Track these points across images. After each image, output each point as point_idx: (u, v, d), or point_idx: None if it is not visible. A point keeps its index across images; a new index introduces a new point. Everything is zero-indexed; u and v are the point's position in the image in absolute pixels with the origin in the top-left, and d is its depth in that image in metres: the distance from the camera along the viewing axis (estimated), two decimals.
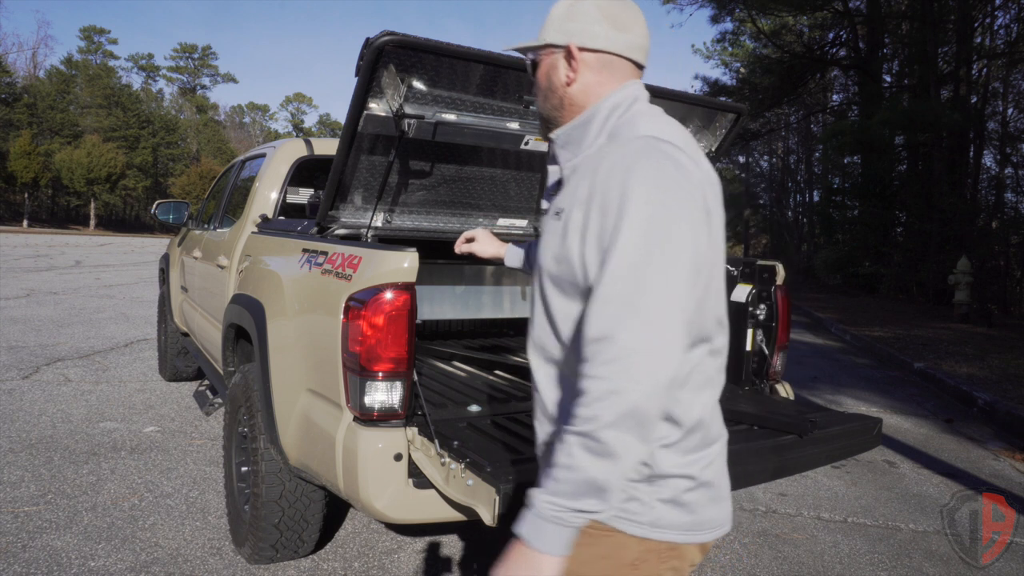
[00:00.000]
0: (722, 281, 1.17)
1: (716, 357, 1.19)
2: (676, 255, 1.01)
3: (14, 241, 27.62)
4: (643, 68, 1.25)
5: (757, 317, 3.07)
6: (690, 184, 1.06)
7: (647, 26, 1.23)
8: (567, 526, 1.02)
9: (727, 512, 1.25)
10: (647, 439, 1.01)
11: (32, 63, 60.64)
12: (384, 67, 2.43)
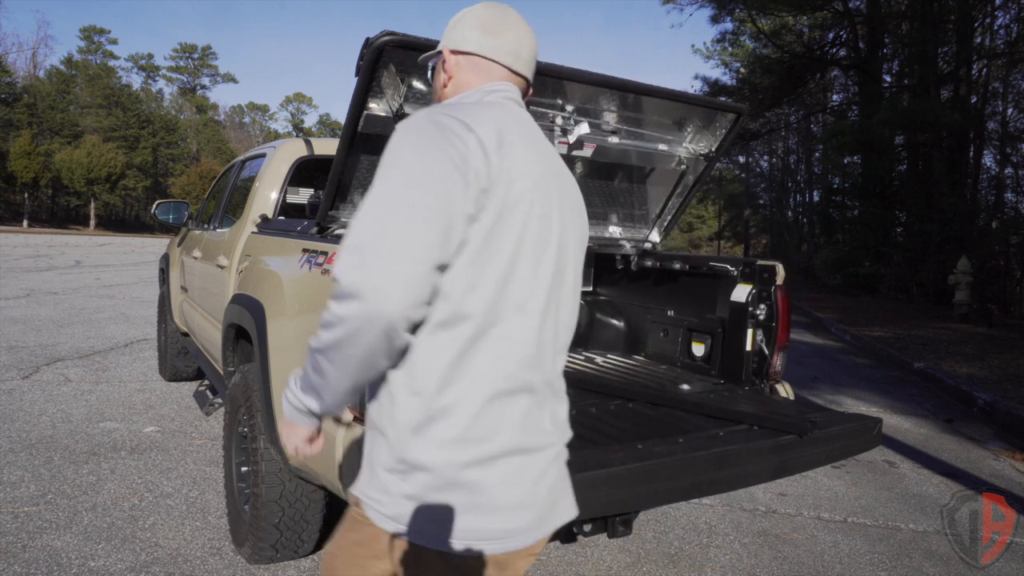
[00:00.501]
0: (531, 267, 1.15)
1: (505, 343, 1.13)
2: (410, 204, 1.03)
3: (14, 241, 27.62)
4: (521, 75, 1.33)
5: (757, 317, 3.07)
6: (451, 147, 1.07)
7: (529, 36, 1.32)
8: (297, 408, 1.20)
9: (503, 527, 1.12)
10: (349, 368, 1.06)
11: (32, 63, 60.67)
12: (384, 67, 2.43)
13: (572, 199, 1.29)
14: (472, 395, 1.10)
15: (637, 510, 3.00)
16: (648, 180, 3.60)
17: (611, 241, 3.77)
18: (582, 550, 3.18)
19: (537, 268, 1.16)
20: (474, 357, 1.10)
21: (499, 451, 1.11)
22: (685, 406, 2.70)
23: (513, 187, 1.12)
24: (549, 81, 2.81)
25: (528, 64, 1.33)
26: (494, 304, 1.11)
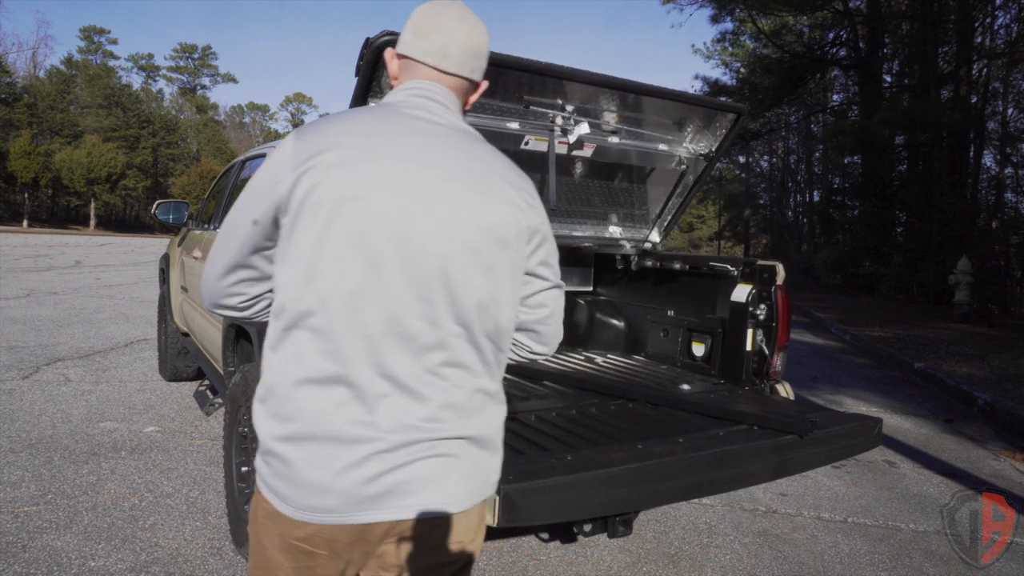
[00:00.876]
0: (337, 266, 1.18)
1: (310, 335, 1.20)
2: (236, 209, 1.29)
3: (14, 241, 27.63)
4: (451, 73, 1.36)
5: (757, 317, 3.07)
6: (275, 163, 1.25)
7: (462, 33, 1.35)
8: None
9: (304, 501, 1.20)
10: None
11: (32, 63, 60.68)
12: (384, 67, 2.44)
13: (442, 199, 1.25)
14: (283, 378, 1.22)
15: (637, 510, 3.00)
16: (648, 180, 3.60)
17: (611, 241, 3.77)
18: (582, 550, 3.18)
19: (345, 267, 1.18)
20: (286, 345, 1.22)
21: (301, 433, 1.20)
22: (685, 406, 2.70)
23: (314, 193, 1.18)
24: (549, 81, 2.82)
25: (459, 62, 1.35)
26: (300, 299, 1.20)
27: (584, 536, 2.33)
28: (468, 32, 1.36)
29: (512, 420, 2.45)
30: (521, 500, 1.74)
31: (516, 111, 2.92)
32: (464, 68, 1.37)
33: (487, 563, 3.00)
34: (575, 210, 3.57)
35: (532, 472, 1.84)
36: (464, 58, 1.36)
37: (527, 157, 3.15)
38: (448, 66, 1.35)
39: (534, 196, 1.38)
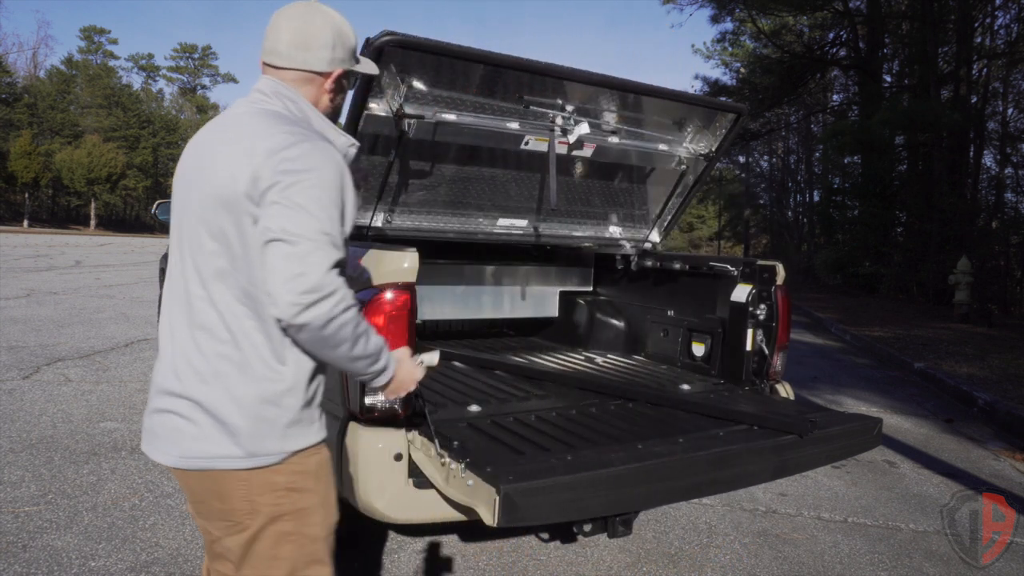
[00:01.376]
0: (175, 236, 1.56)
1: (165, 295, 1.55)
2: None
3: (14, 241, 27.63)
4: (266, 64, 1.56)
5: (757, 317, 3.07)
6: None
7: (273, 28, 1.54)
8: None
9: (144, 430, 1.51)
10: None
11: (32, 63, 60.65)
12: (384, 67, 2.44)
13: (198, 176, 1.49)
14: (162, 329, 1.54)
15: (637, 510, 3.00)
16: (648, 180, 3.60)
17: (611, 241, 3.77)
18: (582, 550, 3.18)
19: (175, 237, 1.54)
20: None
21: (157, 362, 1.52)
22: (685, 406, 2.70)
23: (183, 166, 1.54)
24: (549, 81, 2.82)
25: (288, 56, 1.52)
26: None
27: (584, 536, 2.33)
28: (296, 28, 1.51)
29: (512, 420, 2.45)
30: (521, 500, 1.74)
31: (516, 111, 2.92)
32: (293, 61, 1.52)
33: (487, 563, 3.01)
34: (575, 210, 3.58)
35: (532, 472, 1.84)
36: (293, 52, 1.51)
37: (527, 157, 3.15)
38: (278, 61, 1.53)
39: (277, 150, 1.39)
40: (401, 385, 1.57)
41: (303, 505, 1.46)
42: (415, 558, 3.02)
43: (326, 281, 1.35)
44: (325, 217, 1.38)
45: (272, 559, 1.46)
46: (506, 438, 2.24)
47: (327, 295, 1.35)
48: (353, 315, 1.40)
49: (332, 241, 1.38)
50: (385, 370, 1.50)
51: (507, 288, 4.04)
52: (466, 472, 1.89)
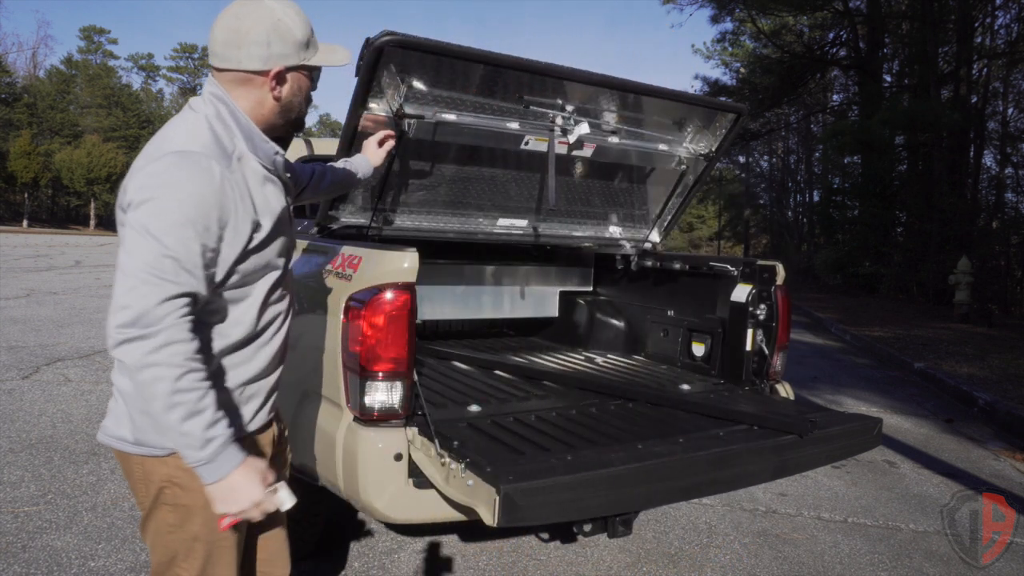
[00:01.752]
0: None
1: None
2: None
3: (14, 241, 27.62)
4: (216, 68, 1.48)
5: (757, 317, 3.07)
6: None
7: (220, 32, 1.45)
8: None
9: None
10: None
11: (32, 63, 60.60)
12: (384, 67, 2.44)
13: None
14: None
15: (637, 510, 3.00)
16: (648, 180, 3.60)
17: (611, 241, 3.77)
18: (582, 550, 3.18)
19: None
20: None
21: None
22: (685, 406, 2.70)
23: None
24: (549, 81, 2.82)
25: (221, 56, 1.46)
26: None
27: (584, 536, 2.33)
28: (228, 26, 1.43)
29: (512, 420, 2.45)
30: (521, 500, 1.74)
31: (516, 111, 2.92)
32: (228, 61, 1.44)
33: (487, 563, 3.01)
34: (575, 210, 3.57)
35: (532, 472, 1.84)
36: (224, 51, 1.44)
37: (527, 157, 3.15)
38: (215, 62, 1.47)
39: (148, 156, 1.37)
40: (231, 496, 1.34)
41: (185, 502, 1.45)
42: (415, 558, 3.02)
43: (150, 319, 1.26)
44: (172, 242, 1.28)
45: (157, 541, 1.51)
46: (506, 438, 2.24)
47: (145, 336, 1.25)
48: (172, 372, 1.27)
49: (174, 270, 1.28)
50: (208, 464, 1.31)
51: (507, 288, 4.04)
52: (466, 472, 1.89)
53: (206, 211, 1.32)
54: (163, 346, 1.26)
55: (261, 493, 1.36)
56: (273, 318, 1.57)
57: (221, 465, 1.32)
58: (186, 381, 1.28)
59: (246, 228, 1.41)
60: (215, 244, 1.35)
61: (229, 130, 1.44)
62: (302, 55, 1.49)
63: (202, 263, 1.32)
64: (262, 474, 1.38)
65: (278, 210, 1.51)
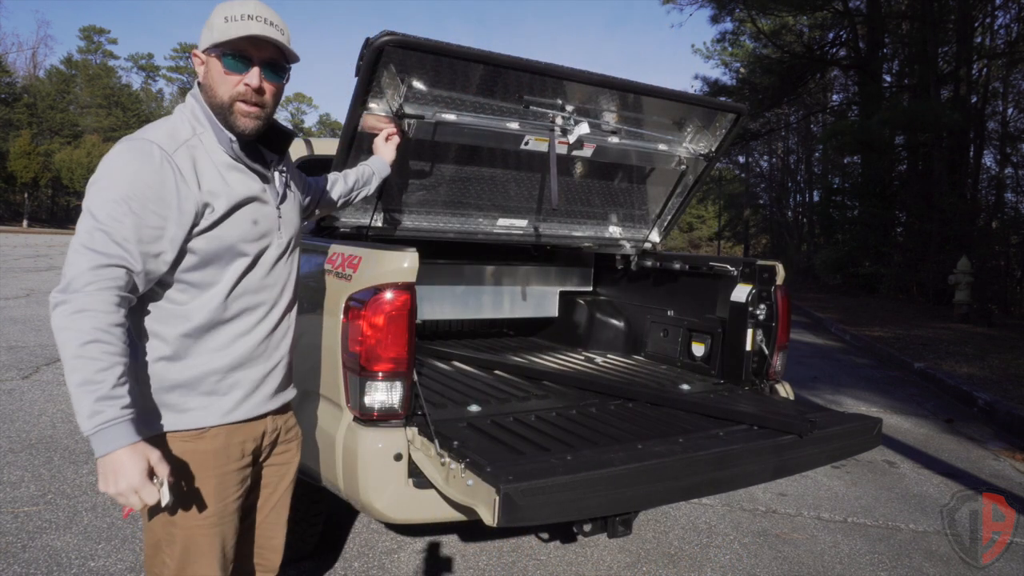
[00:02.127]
0: None
1: None
2: None
3: (14, 241, 27.61)
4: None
5: (757, 317, 3.07)
6: None
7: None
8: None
9: None
10: None
11: (32, 63, 60.59)
12: (384, 67, 2.44)
13: None
14: None
15: (637, 510, 3.00)
16: (648, 180, 3.60)
17: (611, 241, 3.77)
18: (582, 550, 3.18)
19: None
20: None
21: None
22: (685, 406, 2.70)
23: None
24: (549, 81, 2.82)
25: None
26: None
27: (584, 536, 2.33)
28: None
29: (512, 420, 2.45)
30: (521, 500, 1.74)
31: (516, 111, 2.92)
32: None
33: (487, 563, 3.01)
34: (575, 210, 3.57)
35: (532, 472, 1.84)
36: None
37: (527, 157, 3.15)
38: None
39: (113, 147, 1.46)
40: (112, 475, 1.37)
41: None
42: (415, 558, 3.02)
43: (75, 285, 1.32)
44: (104, 216, 1.36)
45: (145, 525, 1.61)
46: (506, 438, 2.24)
47: (66, 300, 1.33)
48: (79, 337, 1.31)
49: (104, 241, 1.35)
50: (93, 435, 1.34)
51: (507, 288, 4.04)
52: (466, 472, 1.89)
53: (141, 189, 1.39)
54: (78, 312, 1.32)
55: (141, 481, 1.36)
56: (249, 308, 1.59)
57: (107, 441, 1.33)
58: (90, 349, 1.31)
59: (190, 207, 1.44)
60: (156, 221, 1.41)
61: (196, 120, 1.53)
62: (212, 36, 1.50)
63: (135, 237, 1.38)
64: (149, 464, 1.38)
65: (241, 195, 1.53)
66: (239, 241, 1.54)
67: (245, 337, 1.59)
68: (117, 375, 1.34)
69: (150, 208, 1.40)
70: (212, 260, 1.51)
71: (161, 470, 1.40)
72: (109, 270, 1.35)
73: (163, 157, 1.43)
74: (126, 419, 1.35)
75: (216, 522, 1.56)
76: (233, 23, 1.49)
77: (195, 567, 1.56)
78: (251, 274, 1.58)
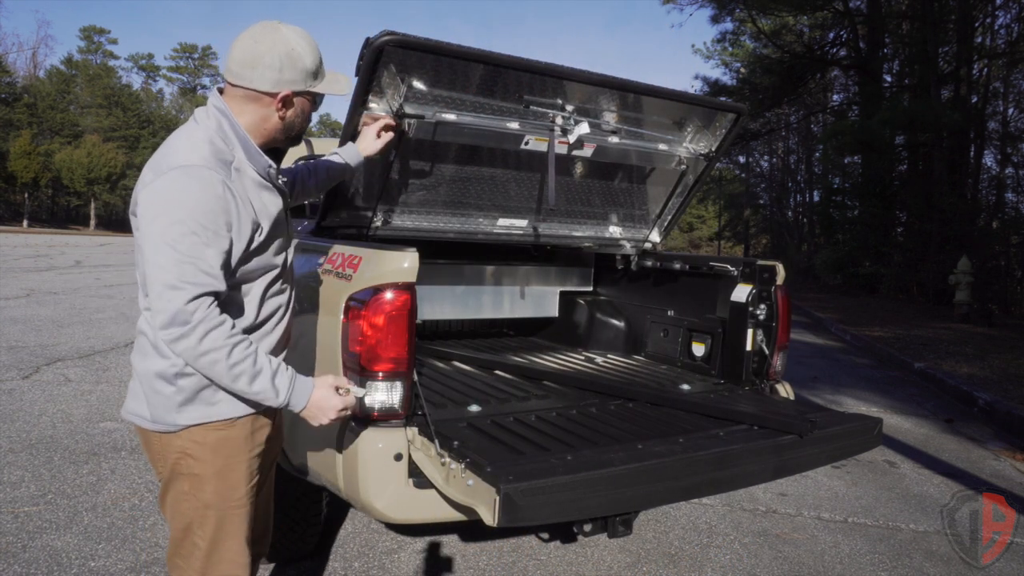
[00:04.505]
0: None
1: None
2: None
3: (14, 241, 27.62)
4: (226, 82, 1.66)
5: (757, 317, 3.07)
6: None
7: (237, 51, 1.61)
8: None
9: None
10: None
11: (32, 63, 60.60)
12: (384, 67, 2.43)
13: None
14: None
15: (637, 510, 3.00)
16: (648, 180, 3.60)
17: (611, 241, 3.77)
18: (582, 550, 3.18)
19: None
20: None
21: None
22: (685, 406, 2.70)
23: None
24: (549, 81, 2.81)
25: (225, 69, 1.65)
26: None
27: (584, 536, 2.33)
28: (246, 47, 1.59)
29: (512, 420, 2.45)
30: (521, 500, 1.74)
31: (516, 111, 2.91)
32: (241, 79, 1.59)
33: (487, 563, 3.01)
34: (575, 210, 3.57)
35: (532, 472, 1.84)
36: (240, 69, 1.59)
37: (527, 157, 3.15)
38: (229, 78, 1.62)
39: (155, 170, 1.53)
40: (319, 413, 1.64)
41: (197, 472, 1.63)
42: (415, 558, 3.02)
43: (183, 317, 1.46)
44: (186, 248, 1.46)
45: (174, 511, 1.68)
46: (506, 438, 2.24)
47: (185, 333, 1.46)
48: (221, 353, 1.49)
49: (193, 272, 1.46)
50: (288, 402, 1.60)
51: (507, 288, 4.04)
52: (466, 472, 1.89)
53: (213, 218, 1.49)
54: (204, 336, 1.47)
55: (339, 401, 1.66)
56: (273, 311, 1.74)
57: (299, 398, 1.61)
58: (236, 354, 1.50)
59: (247, 230, 1.57)
60: (227, 246, 1.52)
61: (229, 141, 1.60)
62: (309, 83, 1.64)
63: (218, 264, 1.50)
64: (332, 386, 1.67)
65: (275, 213, 1.68)
66: (273, 255, 1.69)
67: (269, 336, 1.73)
68: (264, 356, 1.56)
69: (222, 234, 1.51)
70: (252, 274, 1.64)
71: (341, 381, 1.70)
72: (205, 298, 1.48)
73: (222, 182, 1.52)
74: (296, 375, 1.61)
75: (245, 503, 1.70)
76: (335, 79, 1.71)
77: (227, 544, 1.68)
78: (276, 282, 1.74)
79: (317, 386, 1.63)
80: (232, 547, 1.68)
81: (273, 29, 1.60)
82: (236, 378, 1.51)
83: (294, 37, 1.61)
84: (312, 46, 1.64)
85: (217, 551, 1.67)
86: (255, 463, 1.73)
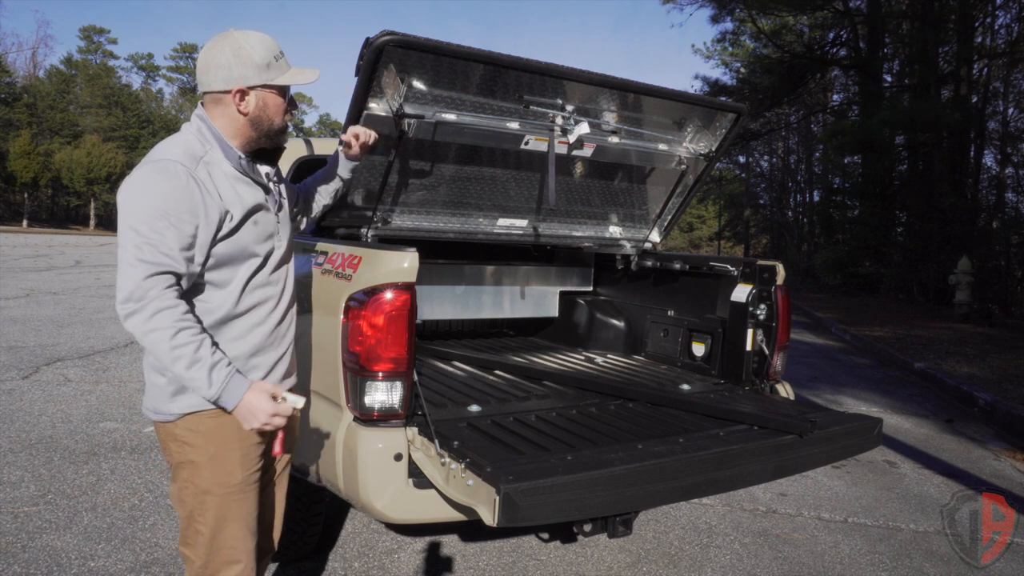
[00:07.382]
0: None
1: None
2: None
3: (14, 241, 27.61)
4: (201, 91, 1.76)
5: (757, 317, 3.07)
6: None
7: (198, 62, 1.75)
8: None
9: None
10: None
11: (32, 63, 60.58)
12: (384, 67, 2.44)
13: None
14: None
15: (637, 510, 3.00)
16: (648, 180, 3.60)
17: (611, 241, 3.77)
18: (582, 550, 3.18)
19: None
20: None
21: None
22: (685, 406, 2.70)
23: None
24: (549, 81, 2.82)
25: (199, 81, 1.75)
26: None
27: (584, 536, 2.32)
28: (202, 56, 1.72)
29: (512, 420, 2.45)
30: (521, 500, 1.74)
31: (516, 111, 2.91)
32: (203, 84, 1.72)
33: (487, 563, 3.01)
34: (575, 210, 3.57)
35: (532, 472, 1.84)
36: (200, 76, 1.72)
37: (527, 157, 3.15)
38: (198, 87, 1.75)
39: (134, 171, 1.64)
40: (250, 415, 1.63)
41: (192, 458, 1.71)
42: (415, 558, 3.02)
43: (139, 293, 1.54)
44: (147, 231, 1.55)
45: (180, 500, 1.76)
46: (506, 438, 2.24)
47: (138, 308, 1.54)
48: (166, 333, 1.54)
49: (152, 252, 1.54)
50: (220, 397, 1.61)
51: (507, 288, 4.04)
52: (466, 472, 1.89)
53: (175, 205, 1.58)
54: (154, 313, 1.54)
55: (272, 407, 1.64)
56: (260, 301, 1.79)
57: (232, 394, 1.61)
58: (180, 338, 1.55)
59: (215, 216, 1.64)
60: (190, 230, 1.60)
61: (205, 140, 1.71)
62: (263, 75, 1.71)
63: (178, 246, 1.58)
64: (269, 392, 1.66)
65: (250, 204, 1.73)
66: (251, 243, 1.74)
67: (260, 327, 1.79)
68: (209, 347, 1.59)
69: (185, 219, 1.59)
70: (229, 261, 1.71)
71: (278, 390, 1.68)
72: (163, 276, 1.55)
73: (187, 173, 1.61)
74: (235, 372, 1.63)
75: (243, 490, 1.75)
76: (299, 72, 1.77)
77: (227, 530, 1.74)
78: (260, 272, 1.78)
79: (252, 389, 1.65)
80: (234, 532, 1.74)
81: (224, 35, 1.71)
82: (175, 360, 1.55)
83: (242, 37, 1.70)
84: (263, 43, 1.71)
85: (219, 536, 1.73)
86: (253, 451, 1.78)
